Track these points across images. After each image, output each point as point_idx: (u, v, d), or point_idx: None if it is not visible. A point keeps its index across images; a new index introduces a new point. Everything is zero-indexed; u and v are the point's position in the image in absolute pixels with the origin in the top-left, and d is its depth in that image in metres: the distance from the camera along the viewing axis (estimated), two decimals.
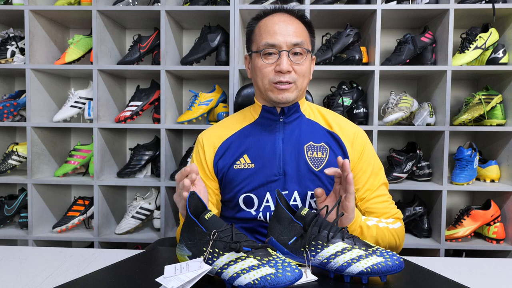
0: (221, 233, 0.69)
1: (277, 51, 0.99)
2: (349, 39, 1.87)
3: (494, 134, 1.96)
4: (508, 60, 1.83)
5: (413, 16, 1.90)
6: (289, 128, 1.06)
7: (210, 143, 1.09)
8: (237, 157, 1.05)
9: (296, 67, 1.00)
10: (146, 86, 2.07)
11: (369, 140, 1.12)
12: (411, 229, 1.93)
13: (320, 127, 1.08)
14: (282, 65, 0.97)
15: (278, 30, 0.99)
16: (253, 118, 1.10)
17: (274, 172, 1.02)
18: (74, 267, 0.85)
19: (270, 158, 1.03)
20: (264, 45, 1.00)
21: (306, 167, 1.02)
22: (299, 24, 1.03)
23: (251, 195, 1.03)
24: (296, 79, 1.00)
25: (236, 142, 1.08)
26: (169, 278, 0.65)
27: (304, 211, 0.75)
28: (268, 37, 0.99)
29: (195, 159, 1.12)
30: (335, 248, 0.70)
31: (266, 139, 1.05)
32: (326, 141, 1.06)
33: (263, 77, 1.01)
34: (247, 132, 1.09)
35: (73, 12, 1.88)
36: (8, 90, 2.18)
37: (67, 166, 1.97)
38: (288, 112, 1.05)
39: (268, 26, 1.01)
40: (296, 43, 0.99)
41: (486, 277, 0.84)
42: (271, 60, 1.00)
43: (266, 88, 1.02)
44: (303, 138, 1.05)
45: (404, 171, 1.86)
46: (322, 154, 1.04)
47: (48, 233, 1.94)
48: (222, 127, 1.12)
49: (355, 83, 1.97)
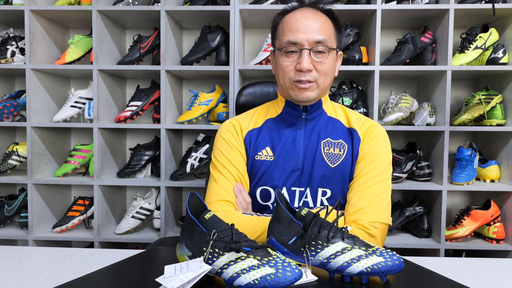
0: (221, 233, 0.69)
1: (298, 49, 0.97)
2: (349, 39, 1.87)
3: (494, 134, 1.95)
4: (508, 60, 1.83)
5: (413, 16, 1.90)
6: (310, 124, 1.06)
7: (238, 129, 1.09)
8: (259, 148, 1.05)
9: (318, 66, 0.98)
10: (146, 86, 2.07)
11: (387, 138, 1.08)
12: (411, 229, 1.93)
13: (341, 124, 1.07)
14: (302, 64, 0.96)
15: (300, 27, 0.97)
16: (276, 113, 1.10)
17: (293, 167, 1.02)
18: (74, 267, 0.85)
19: (290, 153, 1.03)
20: (286, 43, 0.98)
21: (321, 163, 1.01)
22: (324, 19, 1.00)
23: (268, 188, 1.03)
24: (318, 78, 0.99)
25: (259, 134, 1.08)
26: (169, 278, 0.65)
27: (304, 211, 0.75)
28: (290, 34, 0.98)
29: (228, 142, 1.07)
30: (335, 248, 0.70)
31: (288, 134, 1.05)
32: (345, 138, 1.05)
33: (284, 75, 1.01)
34: (270, 125, 1.08)
35: (73, 12, 1.88)
36: (8, 90, 2.18)
37: (67, 166, 1.97)
38: (311, 109, 1.05)
39: (291, 22, 0.99)
40: (319, 41, 0.96)
41: (486, 277, 0.84)
42: (292, 58, 0.98)
43: (287, 86, 1.01)
44: (322, 134, 1.05)
45: (404, 171, 1.86)
46: (339, 151, 1.03)
47: (48, 233, 1.94)
48: (246, 119, 1.12)
49: (355, 83, 1.96)
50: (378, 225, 0.93)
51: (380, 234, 0.94)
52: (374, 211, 0.94)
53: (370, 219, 0.93)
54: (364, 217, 0.93)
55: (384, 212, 0.96)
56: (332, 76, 1.04)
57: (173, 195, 2.01)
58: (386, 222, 0.95)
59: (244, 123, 1.10)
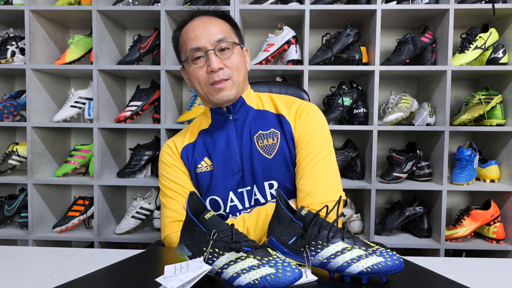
0: (221, 233, 0.69)
1: (203, 53, 0.99)
2: (349, 39, 1.87)
3: (494, 134, 1.95)
4: (508, 60, 1.83)
5: (413, 16, 1.90)
6: (239, 123, 1.06)
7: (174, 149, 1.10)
8: (198, 161, 1.07)
9: (227, 62, 1.00)
10: (146, 86, 2.07)
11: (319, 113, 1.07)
12: (411, 229, 1.93)
13: (270, 113, 1.08)
14: (212, 64, 0.97)
15: (199, 33, 1.00)
16: (207, 124, 1.11)
17: (234, 170, 1.03)
18: (74, 267, 0.85)
19: (227, 157, 1.04)
20: (190, 51, 1.00)
21: (259, 157, 1.02)
22: (219, 21, 1.04)
23: (215, 198, 1.04)
24: (231, 74, 1.00)
25: (194, 147, 1.09)
26: (169, 278, 0.65)
27: (304, 211, 0.75)
28: (191, 42, 1.00)
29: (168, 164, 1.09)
30: (335, 248, 0.70)
31: (221, 139, 1.06)
32: (276, 126, 1.05)
33: (200, 82, 1.01)
34: (204, 136, 1.10)
35: (73, 12, 1.88)
36: (8, 90, 2.18)
37: (67, 166, 1.97)
38: (234, 109, 1.05)
39: (189, 32, 1.02)
40: (220, 39, 0.99)
41: (486, 277, 0.84)
42: (200, 63, 1.00)
43: (205, 92, 1.02)
44: (252, 129, 1.05)
45: (404, 171, 1.86)
46: (272, 140, 1.03)
47: (48, 233, 1.94)
48: (180, 137, 1.13)
49: (355, 83, 1.97)
50: (329, 204, 0.93)
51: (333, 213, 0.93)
52: (322, 192, 0.96)
53: (319, 200, 0.94)
54: (314, 200, 0.95)
55: (332, 189, 0.97)
56: (245, 71, 1.06)
57: None
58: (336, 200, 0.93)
59: (179, 141, 1.11)
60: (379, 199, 2.13)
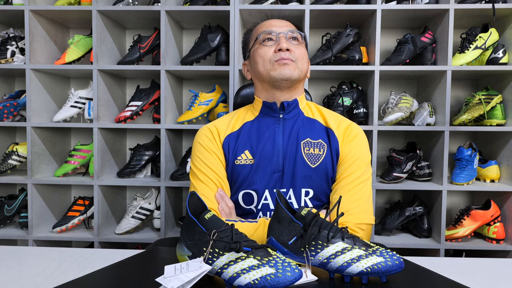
0: (221, 233, 0.69)
1: (275, 35, 1.04)
2: (349, 39, 1.87)
3: (494, 134, 1.96)
4: (508, 60, 1.83)
5: (413, 16, 1.90)
6: (288, 124, 1.06)
7: (216, 134, 1.08)
8: (238, 153, 1.05)
9: (294, 49, 1.03)
10: (146, 86, 2.07)
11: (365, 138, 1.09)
12: (411, 229, 1.93)
13: (319, 124, 1.09)
14: (281, 44, 1.01)
15: (273, 23, 1.07)
16: (253, 115, 1.10)
17: (274, 169, 1.03)
18: (74, 267, 0.85)
19: (270, 154, 1.03)
20: (263, 34, 1.05)
21: (303, 163, 1.02)
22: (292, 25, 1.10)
23: (250, 192, 1.03)
24: (297, 59, 1.03)
25: (237, 138, 1.07)
26: (169, 278, 0.65)
27: (304, 211, 0.75)
28: (265, 28, 1.07)
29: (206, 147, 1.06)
30: (335, 248, 0.70)
31: (267, 135, 1.06)
32: (324, 138, 1.06)
33: (264, 60, 1.03)
34: (248, 128, 1.08)
35: (73, 12, 1.88)
36: (8, 90, 2.18)
37: (67, 166, 1.97)
38: (288, 107, 1.06)
39: (264, 25, 1.08)
40: (291, 31, 1.06)
41: (486, 277, 0.84)
42: (270, 44, 1.04)
43: (268, 69, 1.03)
44: (301, 135, 1.05)
45: (404, 171, 1.86)
46: (319, 151, 1.03)
47: (48, 233, 1.94)
48: (223, 124, 1.11)
49: (355, 83, 1.97)
50: (364, 226, 0.95)
51: (366, 235, 0.96)
52: (359, 213, 0.96)
53: (356, 221, 0.95)
54: (350, 219, 0.94)
55: (368, 213, 0.98)
56: (308, 65, 1.09)
57: (173, 195, 2.01)
58: (371, 223, 0.98)
59: (222, 128, 1.09)
60: (379, 199, 2.13)
